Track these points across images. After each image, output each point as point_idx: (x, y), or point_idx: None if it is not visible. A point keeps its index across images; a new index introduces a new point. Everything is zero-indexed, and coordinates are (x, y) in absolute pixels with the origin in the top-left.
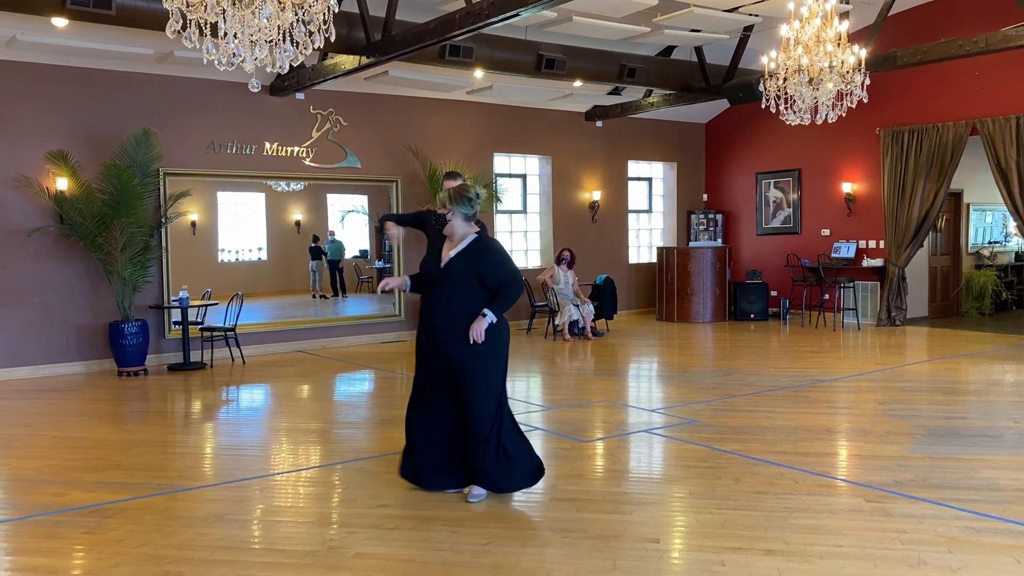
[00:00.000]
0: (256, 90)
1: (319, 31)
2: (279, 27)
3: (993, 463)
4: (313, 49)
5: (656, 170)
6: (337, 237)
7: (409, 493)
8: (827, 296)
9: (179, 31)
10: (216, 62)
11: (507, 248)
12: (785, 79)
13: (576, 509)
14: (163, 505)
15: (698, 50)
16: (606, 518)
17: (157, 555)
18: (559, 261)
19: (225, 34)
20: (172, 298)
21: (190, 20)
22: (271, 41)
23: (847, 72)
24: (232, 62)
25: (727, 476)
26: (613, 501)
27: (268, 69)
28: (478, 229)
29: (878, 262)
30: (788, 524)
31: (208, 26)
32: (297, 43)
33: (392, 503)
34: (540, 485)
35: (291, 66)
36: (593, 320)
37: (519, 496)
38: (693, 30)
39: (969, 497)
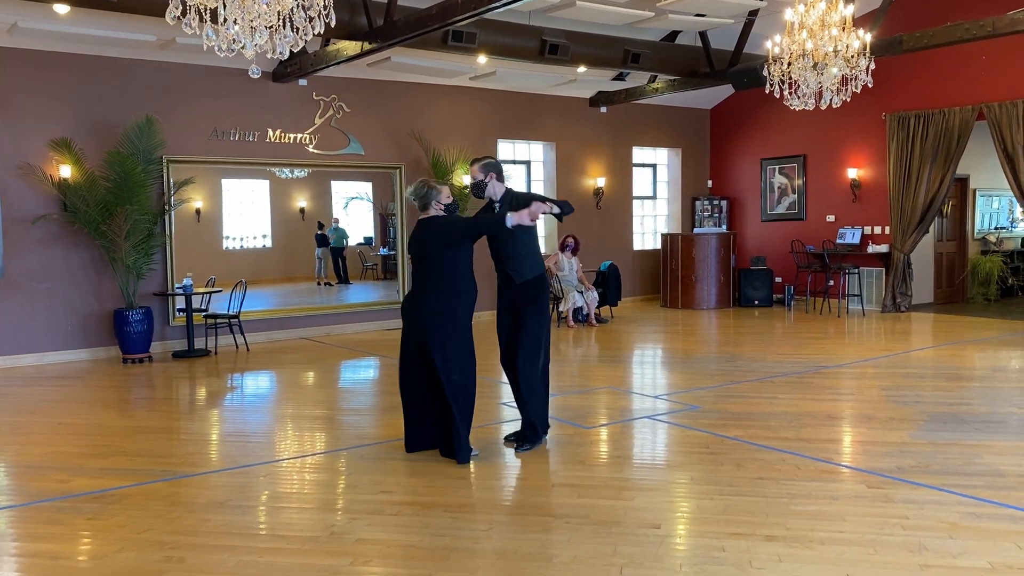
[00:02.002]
0: (256, 76)
1: (319, 17)
2: (279, 13)
3: (996, 449)
4: (313, 35)
5: (660, 156)
6: (340, 224)
7: (411, 479)
8: (832, 282)
9: (179, 17)
10: (216, 48)
11: None
12: (790, 64)
13: (578, 495)
14: (167, 491)
15: (702, 35)
16: (608, 504)
17: (160, 541)
18: (563, 248)
19: (225, 20)
20: (176, 285)
21: (190, 6)
22: (271, 27)
23: (852, 57)
24: (232, 48)
25: (729, 462)
26: (615, 487)
27: (268, 55)
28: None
29: (883, 248)
30: (790, 510)
31: (208, 12)
32: (297, 29)
33: (394, 489)
34: (542, 471)
35: (291, 52)
36: (597, 307)
37: (521, 482)
38: (698, 15)
39: (971, 483)
